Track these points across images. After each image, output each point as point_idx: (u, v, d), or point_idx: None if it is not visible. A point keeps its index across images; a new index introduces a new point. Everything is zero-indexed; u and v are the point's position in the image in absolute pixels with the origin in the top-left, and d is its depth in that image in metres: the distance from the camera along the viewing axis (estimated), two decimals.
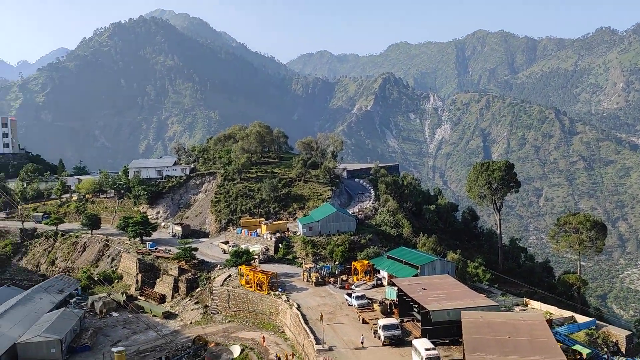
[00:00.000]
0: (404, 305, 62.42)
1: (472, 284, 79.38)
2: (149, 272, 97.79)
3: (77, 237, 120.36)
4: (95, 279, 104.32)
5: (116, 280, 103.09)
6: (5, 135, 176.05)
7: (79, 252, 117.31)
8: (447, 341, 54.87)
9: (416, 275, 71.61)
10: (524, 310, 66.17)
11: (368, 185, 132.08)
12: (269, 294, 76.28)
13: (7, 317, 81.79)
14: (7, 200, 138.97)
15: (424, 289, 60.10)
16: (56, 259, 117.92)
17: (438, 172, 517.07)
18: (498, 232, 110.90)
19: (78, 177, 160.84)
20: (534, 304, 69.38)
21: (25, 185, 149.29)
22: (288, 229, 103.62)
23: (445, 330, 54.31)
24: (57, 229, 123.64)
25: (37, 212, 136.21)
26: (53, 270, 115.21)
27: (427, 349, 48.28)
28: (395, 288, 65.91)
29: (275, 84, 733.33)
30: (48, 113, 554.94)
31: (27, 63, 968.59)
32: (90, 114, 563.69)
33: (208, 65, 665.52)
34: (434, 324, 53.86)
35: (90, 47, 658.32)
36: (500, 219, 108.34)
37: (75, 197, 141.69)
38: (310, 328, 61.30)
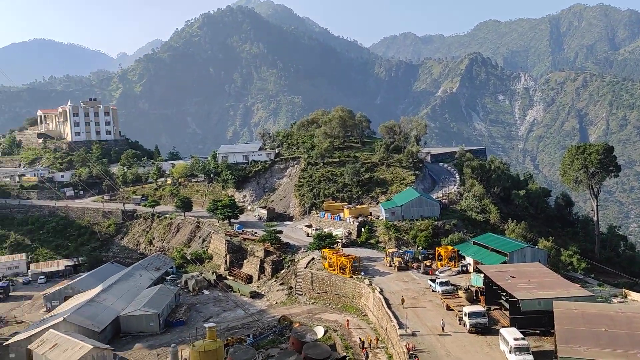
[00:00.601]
0: (491, 293, 60.75)
1: (566, 273, 75.71)
2: (237, 253, 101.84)
3: (171, 218, 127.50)
4: (188, 258, 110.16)
5: (207, 260, 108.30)
6: (107, 123, 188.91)
7: (173, 232, 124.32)
8: (538, 331, 52.88)
9: (504, 262, 69.35)
10: (623, 302, 62.26)
11: (453, 169, 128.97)
12: (351, 277, 77.00)
13: (111, 292, 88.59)
14: (110, 183, 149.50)
15: (513, 277, 58.12)
16: (153, 238, 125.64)
17: (529, 155, 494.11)
18: (595, 219, 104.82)
19: (172, 162, 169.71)
20: (634, 296, 65.04)
21: (125, 170, 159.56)
22: (370, 213, 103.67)
23: (536, 320, 52.32)
24: (153, 211, 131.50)
25: (136, 195, 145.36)
26: (151, 249, 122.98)
27: (515, 339, 46.82)
28: (482, 275, 64.24)
29: (357, 68, 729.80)
30: (145, 102, 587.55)
31: (125, 55, 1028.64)
32: (182, 101, 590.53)
33: (292, 52, 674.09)
34: (524, 313, 52.04)
35: (182, 37, 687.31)
36: (597, 205, 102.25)
37: (169, 181, 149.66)
38: (393, 312, 61.35)
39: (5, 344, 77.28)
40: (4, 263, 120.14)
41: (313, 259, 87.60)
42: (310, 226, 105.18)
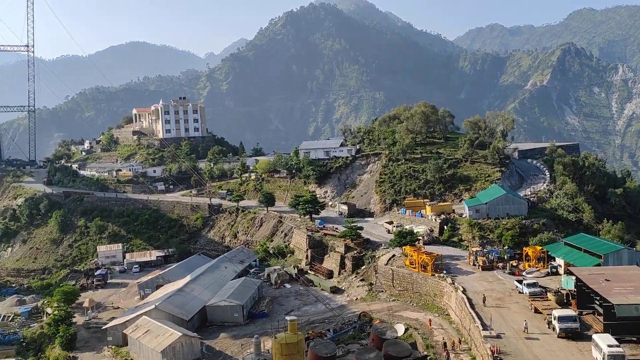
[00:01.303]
0: (583, 296, 57.38)
1: None
2: (318, 248, 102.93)
3: (255, 213, 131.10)
4: (271, 252, 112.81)
5: (289, 254, 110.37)
6: (196, 120, 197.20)
7: (256, 226, 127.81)
8: (634, 339, 49.37)
9: (598, 265, 65.28)
10: None
11: (542, 166, 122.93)
12: (433, 275, 75.53)
13: (198, 282, 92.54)
14: (198, 178, 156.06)
15: (608, 280, 54.59)
16: (238, 232, 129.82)
17: (627, 151, 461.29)
18: None
19: (255, 157, 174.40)
20: None
21: (212, 166, 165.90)
22: (453, 210, 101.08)
23: (632, 327, 48.88)
24: (238, 205, 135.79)
25: (222, 189, 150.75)
26: (235, 243, 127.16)
27: (610, 346, 43.95)
28: (574, 277, 60.79)
29: (441, 62, 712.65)
30: (230, 99, 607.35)
31: (213, 54, 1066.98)
32: (265, 99, 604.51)
33: (373, 47, 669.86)
34: (619, 319, 48.74)
35: (265, 36, 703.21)
36: None
37: (253, 177, 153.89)
38: (476, 313, 59.51)
39: (103, 327, 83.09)
40: (104, 252, 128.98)
41: (394, 255, 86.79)
42: (391, 223, 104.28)
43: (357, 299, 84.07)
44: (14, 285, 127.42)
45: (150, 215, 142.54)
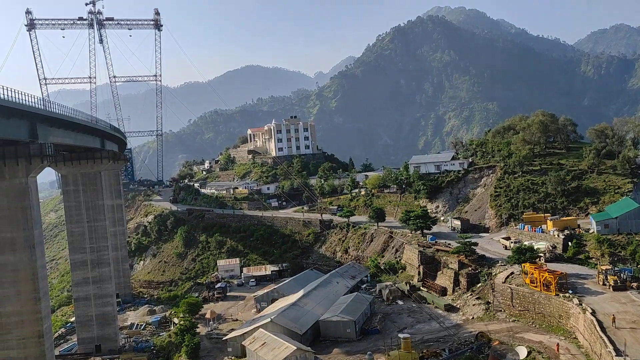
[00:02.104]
0: None
1: None
2: (430, 265, 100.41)
3: (365, 228, 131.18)
4: (382, 267, 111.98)
5: (400, 270, 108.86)
6: (306, 138, 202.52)
7: (367, 242, 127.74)
8: None
9: None
10: None
11: None
12: (557, 295, 70.53)
13: (311, 297, 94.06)
14: (309, 195, 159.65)
15: None
16: (348, 247, 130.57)
17: None
18: None
19: (365, 173, 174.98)
20: None
21: (323, 182, 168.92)
22: (579, 225, 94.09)
23: None
24: (348, 221, 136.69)
25: (332, 205, 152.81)
26: (346, 258, 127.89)
27: None
28: None
29: (560, 67, 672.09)
30: (339, 116, 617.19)
31: (322, 73, 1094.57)
32: (374, 114, 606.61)
33: (485, 56, 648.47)
34: None
35: (373, 52, 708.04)
36: None
37: (363, 192, 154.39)
38: (608, 337, 54.58)
39: (224, 338, 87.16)
40: (223, 266, 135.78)
41: (512, 273, 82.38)
42: (508, 238, 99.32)
43: (473, 318, 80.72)
44: (145, 296, 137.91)
45: (265, 230, 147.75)
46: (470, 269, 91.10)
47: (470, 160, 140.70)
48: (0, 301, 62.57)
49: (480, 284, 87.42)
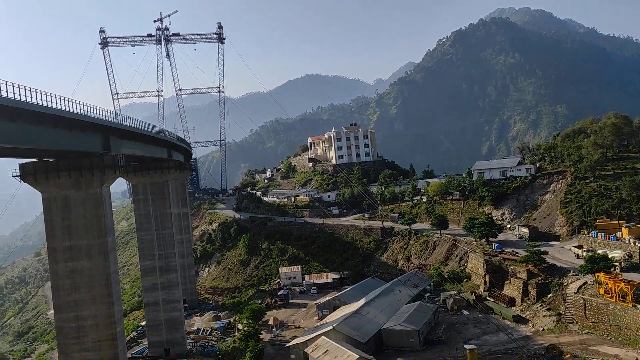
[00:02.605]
0: None
1: None
2: (497, 274, 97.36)
3: (427, 236, 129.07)
4: (445, 276, 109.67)
5: (465, 280, 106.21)
6: (366, 145, 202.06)
7: (429, 250, 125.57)
8: None
9: None
10: None
11: None
12: (634, 306, 66.60)
13: (373, 305, 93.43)
14: (369, 202, 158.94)
15: None
16: (411, 255, 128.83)
17: None
18: None
19: (426, 180, 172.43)
20: None
21: (383, 189, 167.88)
22: None
23: None
24: (410, 228, 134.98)
25: (393, 212, 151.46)
26: (408, 266, 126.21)
27: None
28: None
29: (633, 67, 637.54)
30: (399, 123, 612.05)
31: (381, 80, 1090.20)
32: (435, 120, 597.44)
33: (552, 58, 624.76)
34: None
35: (433, 57, 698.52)
36: None
37: (424, 199, 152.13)
38: None
39: (287, 345, 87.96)
40: (285, 274, 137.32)
41: (585, 283, 78.58)
42: (580, 247, 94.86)
43: (543, 329, 77.50)
44: (211, 302, 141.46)
45: (326, 238, 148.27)
46: (540, 278, 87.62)
47: (537, 165, 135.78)
48: (77, 305, 65.92)
49: (550, 295, 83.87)
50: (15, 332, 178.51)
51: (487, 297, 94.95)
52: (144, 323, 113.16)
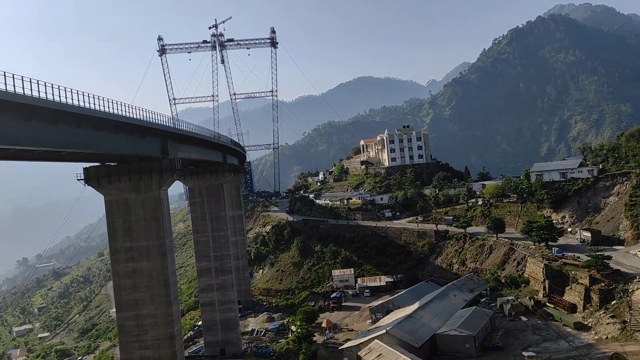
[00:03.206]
0: None
1: None
2: (557, 279, 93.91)
3: (483, 239, 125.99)
4: (502, 281, 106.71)
5: (523, 285, 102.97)
6: (419, 147, 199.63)
7: (485, 254, 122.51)
8: None
9: None
10: None
11: None
12: None
13: (427, 309, 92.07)
14: (423, 205, 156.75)
15: None
16: (466, 259, 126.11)
17: None
18: None
19: (482, 182, 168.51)
20: None
21: (437, 192, 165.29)
22: None
23: None
24: (465, 232, 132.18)
25: (447, 215, 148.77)
26: (463, 270, 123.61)
27: None
28: None
29: None
30: (454, 124, 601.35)
31: (435, 81, 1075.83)
32: (490, 121, 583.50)
33: (615, 54, 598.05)
34: None
35: (489, 57, 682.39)
36: None
37: (480, 202, 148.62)
38: None
39: (339, 348, 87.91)
40: (338, 276, 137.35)
41: None
42: None
43: (607, 337, 74.10)
44: (264, 303, 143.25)
45: (379, 241, 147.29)
46: (603, 284, 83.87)
47: (600, 166, 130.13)
48: (137, 304, 68.22)
49: (615, 301, 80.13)
50: (80, 329, 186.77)
51: (547, 303, 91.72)
52: (200, 323, 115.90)
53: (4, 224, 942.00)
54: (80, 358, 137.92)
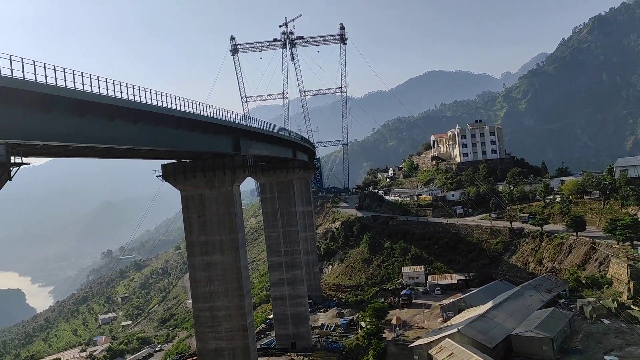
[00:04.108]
0: None
1: None
2: None
3: (562, 238, 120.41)
4: (583, 282, 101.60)
5: (605, 286, 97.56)
6: (493, 142, 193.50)
7: (564, 253, 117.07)
8: None
9: None
10: None
11: None
12: None
13: (501, 309, 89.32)
14: (497, 201, 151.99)
15: None
16: (542, 258, 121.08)
17: None
18: None
19: (560, 178, 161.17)
20: None
21: (511, 188, 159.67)
22: None
23: None
24: (542, 230, 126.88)
25: (523, 213, 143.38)
26: (540, 270, 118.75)
27: None
28: None
29: None
30: (530, 118, 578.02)
31: (509, 74, 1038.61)
32: (569, 114, 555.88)
33: None
34: None
35: (568, 47, 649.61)
36: None
37: (558, 199, 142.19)
38: None
39: (410, 345, 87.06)
40: (408, 273, 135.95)
41: None
42: None
43: None
44: (334, 298, 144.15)
45: (450, 238, 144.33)
46: None
47: None
48: (212, 296, 70.66)
49: None
50: (159, 318, 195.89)
51: (632, 306, 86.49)
52: (271, 316, 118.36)
53: (91, 219, 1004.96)
54: (159, 346, 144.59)
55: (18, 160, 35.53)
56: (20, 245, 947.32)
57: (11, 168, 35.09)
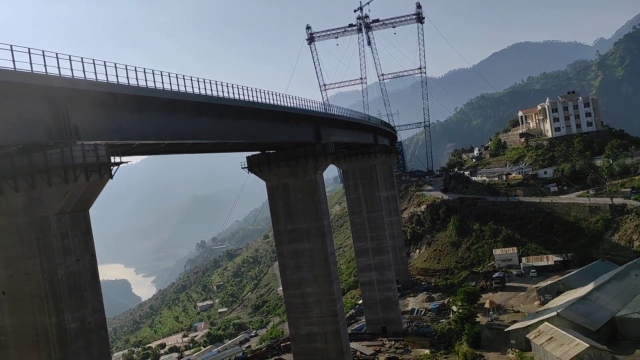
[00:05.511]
0: None
1: None
2: None
3: None
4: None
5: None
6: (588, 114, 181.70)
7: None
8: None
9: None
10: None
11: None
12: None
13: (604, 291, 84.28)
14: (594, 177, 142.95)
15: None
16: None
17: None
18: None
19: None
20: None
21: (611, 162, 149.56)
22: None
23: None
24: None
25: (624, 187, 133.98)
26: None
27: None
28: None
29: None
30: (628, 86, 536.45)
31: (603, 40, 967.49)
32: None
33: None
34: None
35: None
36: None
37: None
38: None
39: (505, 330, 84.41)
40: (499, 255, 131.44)
41: None
42: None
43: None
44: (423, 283, 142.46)
45: (544, 218, 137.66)
46: None
47: None
48: (301, 283, 72.10)
49: None
50: (253, 305, 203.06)
51: None
52: (360, 301, 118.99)
53: (185, 211, 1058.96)
54: (255, 331, 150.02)
55: (117, 159, 37.79)
56: (123, 239, 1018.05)
57: (111, 167, 37.42)
